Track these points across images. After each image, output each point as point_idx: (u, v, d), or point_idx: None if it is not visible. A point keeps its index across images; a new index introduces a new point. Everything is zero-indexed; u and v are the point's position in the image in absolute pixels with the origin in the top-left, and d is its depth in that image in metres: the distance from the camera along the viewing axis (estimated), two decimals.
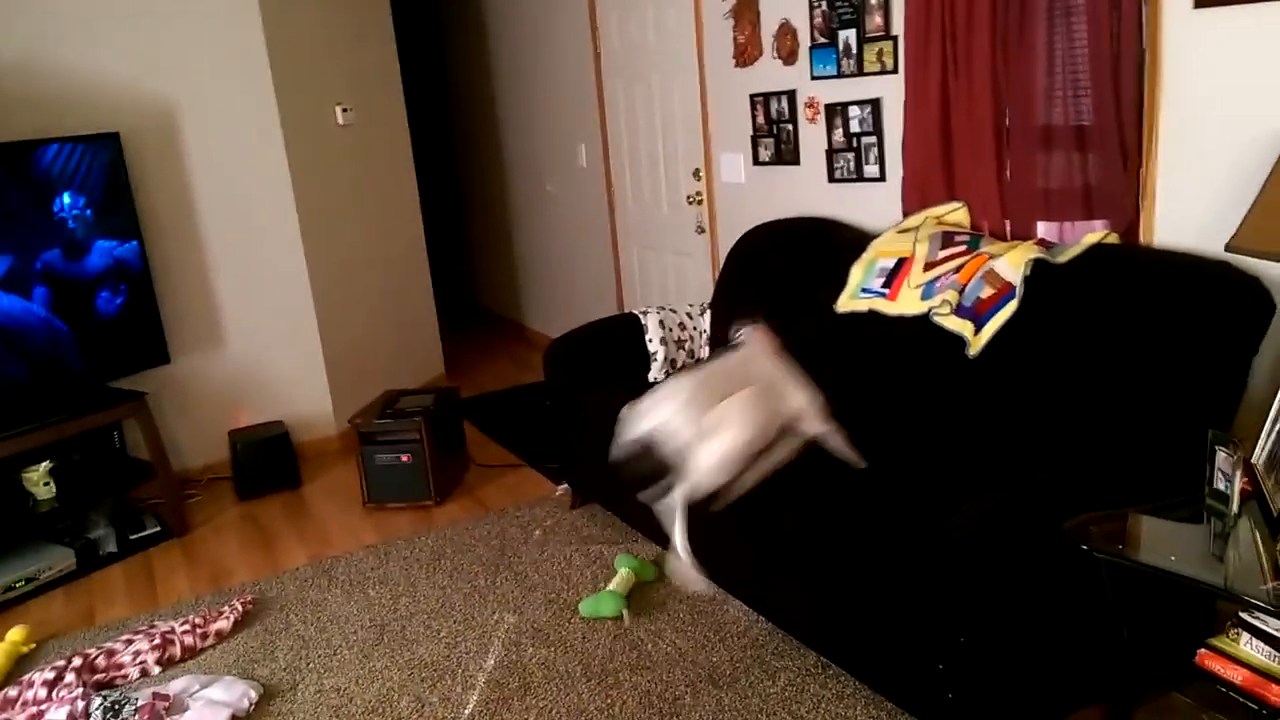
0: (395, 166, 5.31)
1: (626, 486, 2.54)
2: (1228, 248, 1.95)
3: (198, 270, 4.33)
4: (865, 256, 3.08)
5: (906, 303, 2.84)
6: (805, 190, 3.74)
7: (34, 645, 3.05)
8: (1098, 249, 2.47)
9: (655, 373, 3.60)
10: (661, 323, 3.64)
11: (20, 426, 3.48)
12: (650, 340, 3.62)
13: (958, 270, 2.73)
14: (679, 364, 3.64)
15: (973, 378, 2.58)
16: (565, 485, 3.82)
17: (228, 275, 4.40)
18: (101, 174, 3.77)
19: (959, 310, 2.66)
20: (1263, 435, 1.83)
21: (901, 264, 2.94)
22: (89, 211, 3.74)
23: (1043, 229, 2.80)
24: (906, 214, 3.19)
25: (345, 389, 4.82)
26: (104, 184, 3.78)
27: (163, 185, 4.18)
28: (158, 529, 3.86)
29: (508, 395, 5.41)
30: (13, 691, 2.71)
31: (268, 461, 4.27)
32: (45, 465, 3.63)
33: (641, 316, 3.67)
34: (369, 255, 5.08)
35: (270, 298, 4.51)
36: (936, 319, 2.72)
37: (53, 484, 3.64)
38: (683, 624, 2.82)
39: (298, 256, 4.53)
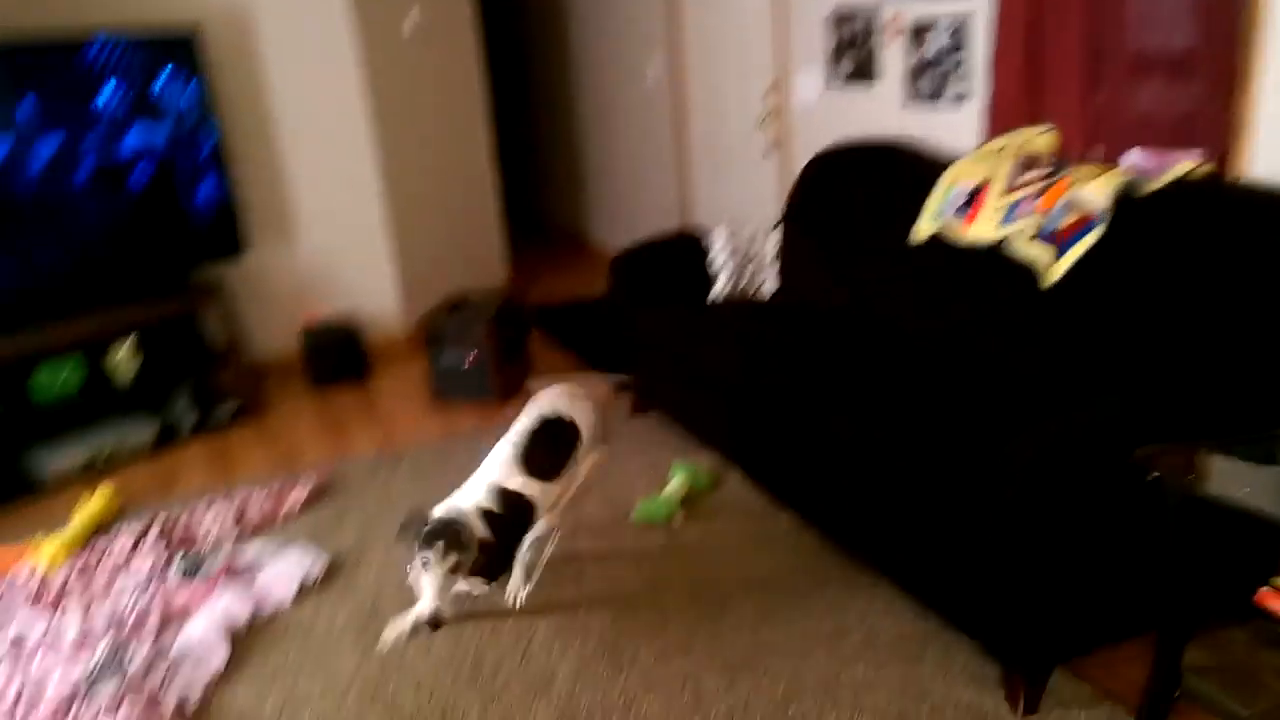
0: (465, 72, 5.29)
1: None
2: None
3: (273, 166, 4.41)
4: (944, 180, 3.02)
5: (983, 228, 2.80)
6: (882, 112, 3.67)
7: (119, 508, 3.23)
8: (1187, 181, 2.39)
9: (718, 289, 3.61)
10: (729, 239, 3.63)
11: (106, 306, 3.64)
12: (714, 259, 3.62)
13: (1039, 196, 2.67)
14: (742, 283, 3.63)
15: (1046, 309, 2.55)
16: (624, 389, 3.87)
17: (301, 173, 4.48)
18: (183, 66, 3.83)
19: (1039, 237, 2.61)
20: None
21: (981, 188, 2.88)
22: (173, 101, 3.82)
23: (1132, 157, 2.71)
24: (990, 137, 3.11)
25: (413, 290, 4.91)
26: (185, 76, 3.85)
27: (240, 81, 4.24)
28: (234, 410, 4.02)
29: (570, 306, 5.46)
30: (99, 548, 2.90)
31: (338, 354, 4.40)
32: (130, 343, 3.79)
33: (707, 234, 3.66)
34: (438, 160, 5.11)
35: (342, 197, 4.59)
36: (1013, 246, 2.67)
37: (137, 363, 3.80)
38: (734, 531, 2.88)
39: (369, 158, 4.59)
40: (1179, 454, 1.76)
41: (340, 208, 4.60)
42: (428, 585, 2.23)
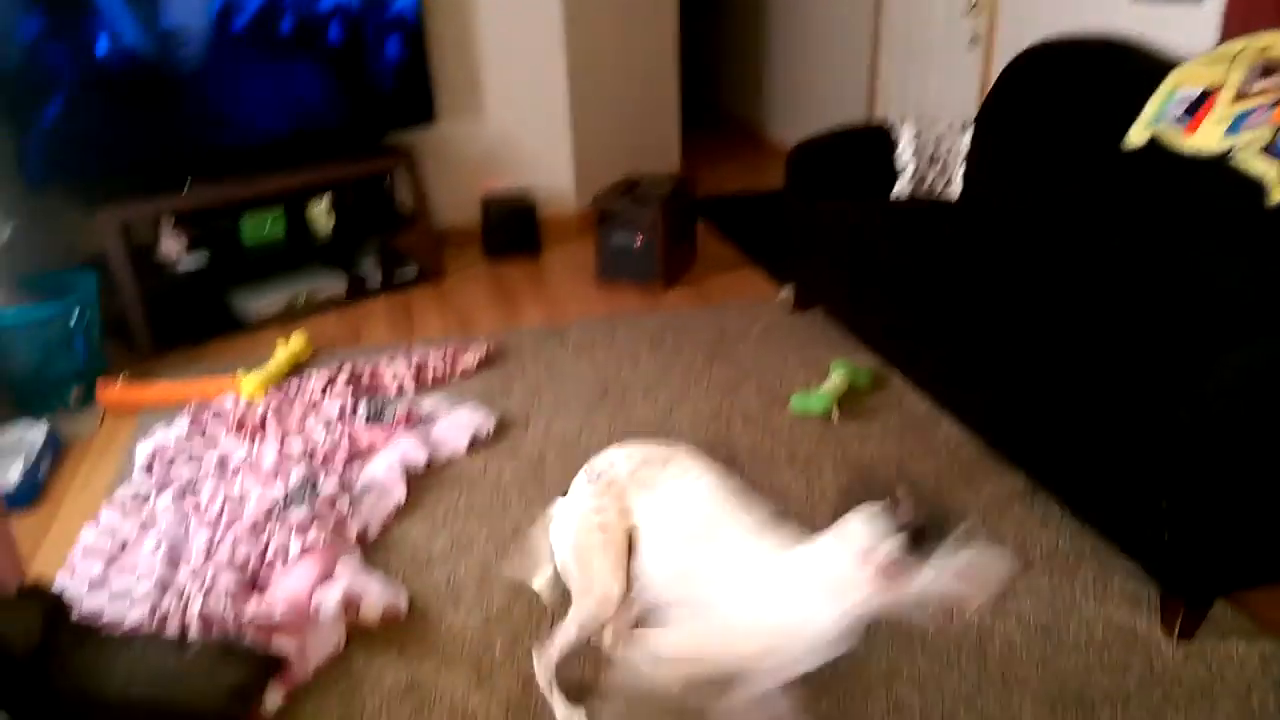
0: None
1: None
2: None
3: (466, 37, 4.50)
4: (1166, 83, 2.78)
5: (1207, 137, 2.57)
6: (1103, 5, 3.37)
7: (311, 352, 3.51)
8: None
9: (901, 188, 3.49)
10: (917, 135, 3.48)
11: (308, 164, 3.87)
12: (901, 153, 3.49)
13: (1275, 106, 2.43)
14: (928, 182, 3.49)
15: (1271, 228, 2.35)
16: (789, 288, 3.85)
17: (490, 47, 4.55)
18: None
19: (1271, 150, 2.38)
20: None
21: (1207, 94, 2.64)
22: None
23: None
24: (1226, 40, 2.83)
25: (588, 169, 4.97)
26: None
27: None
28: (416, 273, 4.25)
29: (740, 199, 5.40)
30: (294, 387, 3.16)
31: (514, 227, 4.55)
32: (326, 201, 4.04)
33: (895, 126, 3.52)
34: (622, 44, 5.07)
35: (529, 75, 4.65)
36: (1239, 158, 2.45)
37: (332, 218, 4.05)
38: (892, 433, 2.87)
39: (557, 37, 4.61)
40: None
41: (526, 85, 4.67)
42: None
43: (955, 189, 3.47)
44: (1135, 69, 2.97)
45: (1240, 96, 2.55)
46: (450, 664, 2.04)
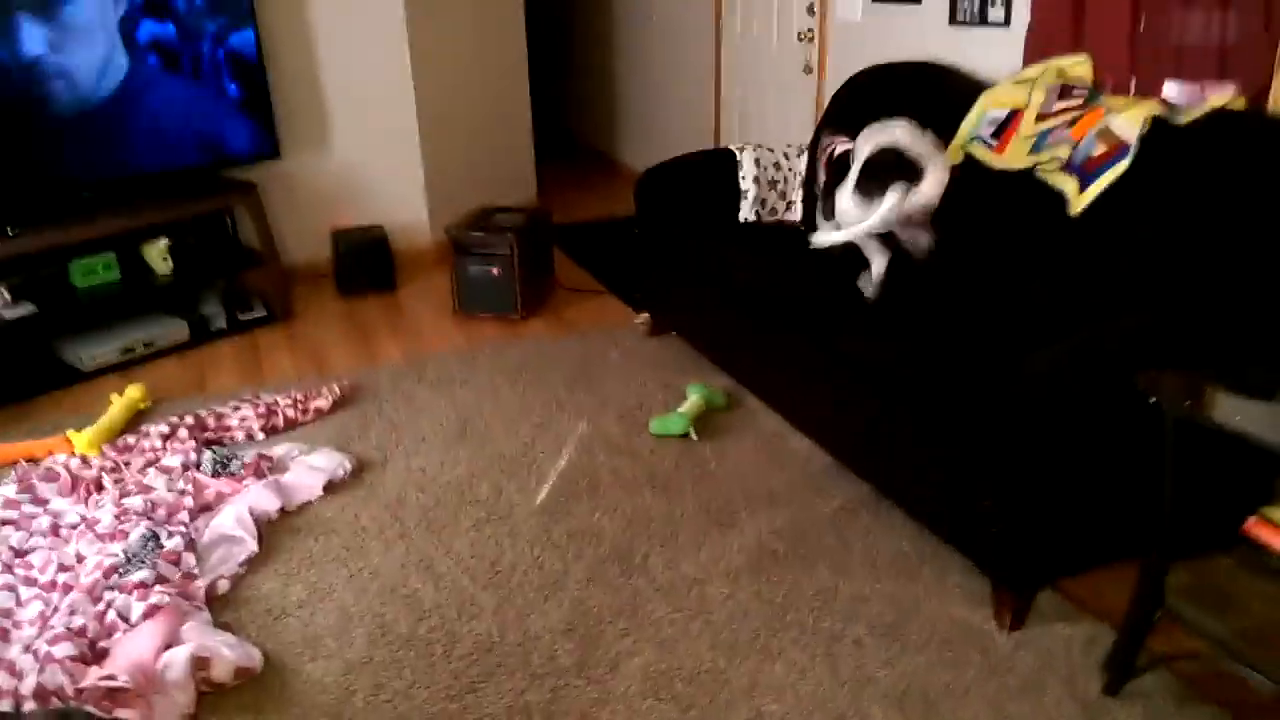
0: None
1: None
2: None
3: (308, 70, 4.41)
4: (977, 105, 2.99)
5: (1014, 155, 2.78)
6: (923, 33, 3.60)
7: (150, 403, 3.35)
8: (1222, 114, 2.36)
9: (745, 212, 3.61)
10: (757, 160, 3.62)
11: (142, 204, 3.70)
12: (743, 178, 3.61)
13: (1071, 124, 2.64)
14: (769, 205, 3.63)
15: (1072, 237, 2.54)
16: (645, 314, 3.92)
17: (336, 79, 4.48)
18: None
19: (1068, 166, 2.59)
20: None
21: (1014, 115, 2.85)
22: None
23: (1169, 89, 2.67)
24: (1028, 64, 3.06)
25: (442, 201, 4.94)
26: None
27: None
28: (264, 313, 4.11)
29: (596, 225, 5.47)
30: (131, 440, 3.01)
31: (367, 262, 4.47)
32: (164, 242, 3.87)
33: (737, 153, 3.64)
34: (471, 74, 5.08)
35: (375, 104, 4.59)
36: (1042, 174, 2.66)
37: (170, 261, 3.89)
38: (747, 449, 2.95)
39: (403, 66, 4.59)
40: (1180, 379, 1.78)
41: (374, 117, 4.61)
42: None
43: (796, 211, 3.62)
44: (951, 91, 3.17)
45: (1042, 116, 2.77)
46: (309, 718, 1.98)
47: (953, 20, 3.43)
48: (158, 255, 3.88)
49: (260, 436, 3.08)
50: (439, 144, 4.90)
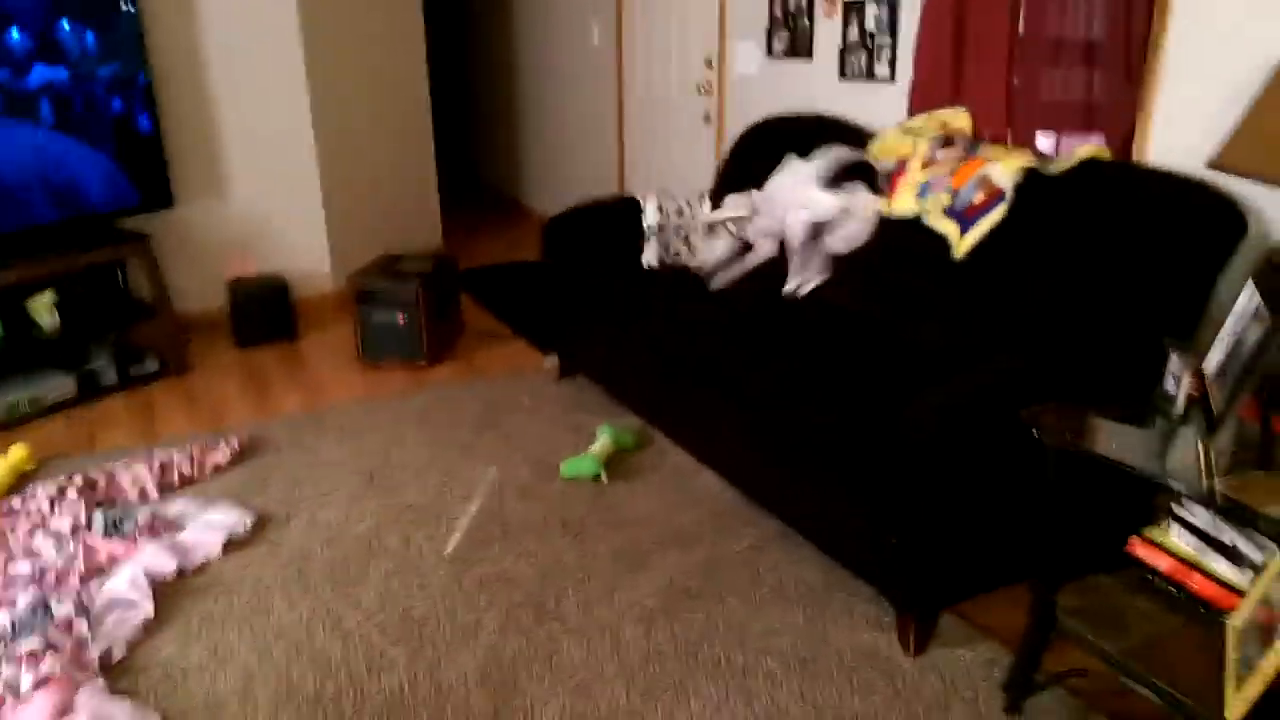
0: (405, 29, 5.24)
1: None
2: (1209, 164, 2.03)
3: (203, 117, 4.34)
4: (867, 154, 3.14)
5: (903, 202, 2.92)
6: (816, 86, 3.76)
7: (36, 464, 3.19)
8: (1090, 163, 2.54)
9: (649, 256, 3.68)
10: (660, 207, 3.70)
11: (25, 256, 3.56)
12: (648, 225, 3.68)
13: (953, 173, 2.80)
14: (672, 249, 3.71)
15: (957, 279, 2.69)
16: (554, 357, 3.94)
17: (232, 125, 4.41)
18: (110, 6, 3.74)
19: (949, 212, 2.74)
20: (1215, 345, 1.95)
21: (901, 163, 3.00)
22: (93, 42, 3.73)
23: (1042, 140, 2.86)
24: (912, 115, 3.24)
25: (344, 248, 4.88)
26: (112, 16, 3.76)
27: (170, 26, 4.15)
28: (157, 367, 3.98)
29: (504, 269, 5.48)
30: (16, 503, 2.87)
31: (266, 312, 4.37)
32: (49, 295, 3.72)
33: (641, 199, 3.72)
34: (373, 119, 5.07)
35: (274, 151, 4.54)
36: (927, 220, 2.80)
37: (56, 314, 3.74)
38: (656, 489, 2.99)
39: (303, 112, 4.54)
40: (1059, 413, 1.90)
41: (273, 162, 4.55)
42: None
43: (698, 255, 3.71)
44: (845, 140, 3.32)
45: (926, 164, 2.93)
46: None
47: (842, 75, 3.60)
48: (43, 308, 3.72)
49: (155, 495, 2.97)
50: (341, 190, 4.86)
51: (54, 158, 3.69)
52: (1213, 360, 1.95)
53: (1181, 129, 2.44)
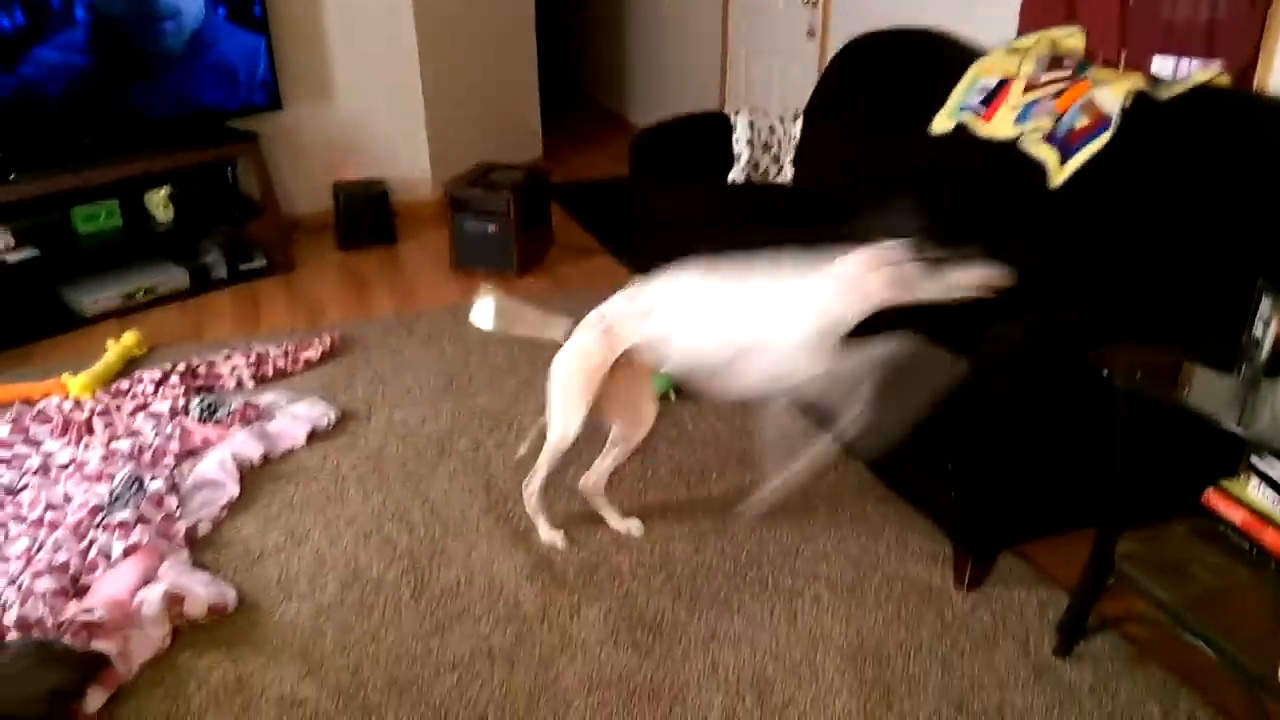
0: None
1: None
2: None
3: (312, 21, 4.42)
4: (969, 73, 2.98)
5: (1000, 125, 2.77)
6: None
7: (146, 350, 3.40)
8: (1205, 89, 2.35)
9: (736, 173, 3.61)
10: (751, 124, 3.61)
11: (143, 151, 3.74)
12: (737, 141, 3.61)
13: (1057, 96, 2.63)
14: (761, 168, 3.63)
15: (1052, 209, 2.55)
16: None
17: (339, 31, 4.48)
18: None
19: (1050, 138, 2.59)
20: None
21: (1003, 84, 2.84)
22: None
23: (1158, 64, 2.65)
24: (1023, 33, 3.04)
25: (445, 156, 4.95)
26: None
27: None
28: (264, 263, 4.16)
29: (599, 185, 5.47)
30: (124, 385, 3.08)
31: (367, 216, 4.50)
32: (165, 190, 3.92)
33: (732, 116, 3.64)
34: (476, 27, 5.06)
35: (379, 57, 4.60)
36: (1025, 145, 2.65)
37: (171, 209, 3.93)
38: (724, 412, 2.99)
39: (407, 19, 4.58)
40: (1133, 354, 1.80)
41: (376, 69, 4.62)
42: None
43: (787, 174, 3.62)
44: (948, 59, 3.16)
45: (1030, 87, 2.76)
46: (279, 657, 2.05)
47: None
48: (159, 203, 3.92)
49: (250, 385, 3.14)
50: (443, 99, 4.90)
51: (161, 54, 3.83)
52: None
53: None
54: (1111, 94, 2.48)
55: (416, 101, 4.75)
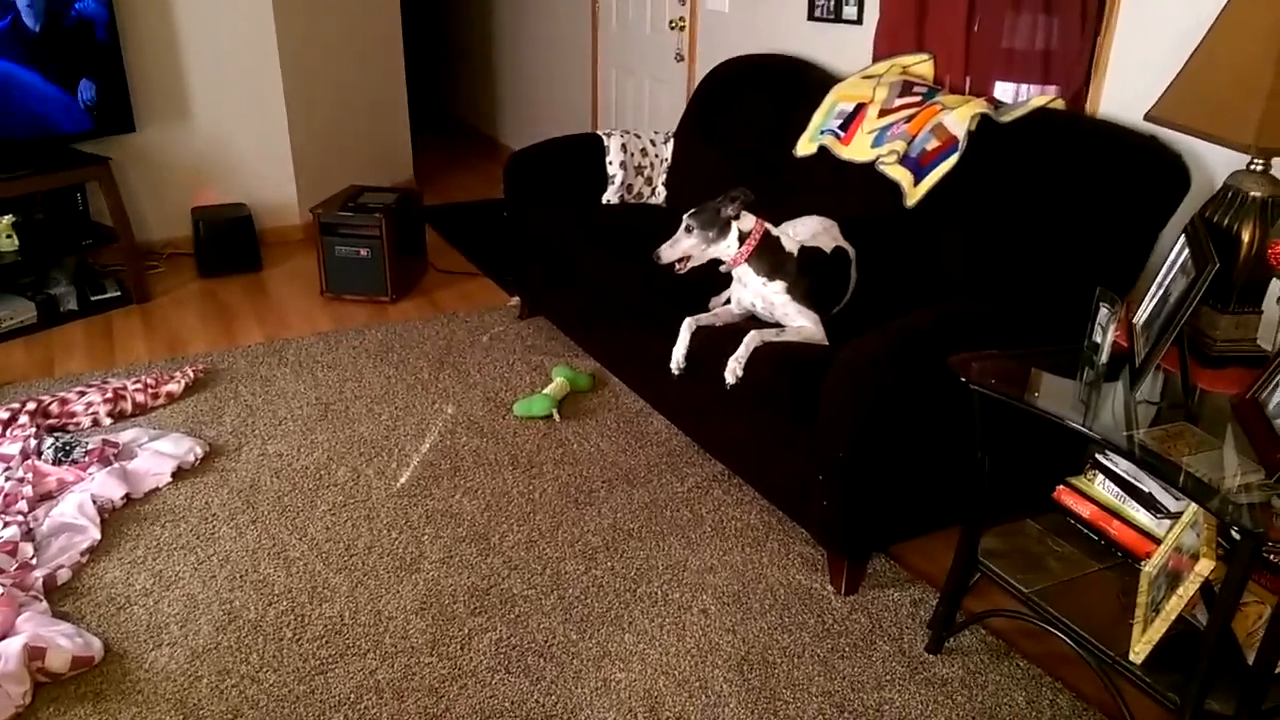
0: None
1: None
2: (1146, 117, 2.03)
3: (167, 40, 4.24)
4: (828, 99, 3.11)
5: (859, 148, 2.91)
6: (785, 26, 3.71)
7: None
8: (1042, 113, 2.54)
9: (610, 195, 3.66)
10: (624, 146, 3.67)
11: None
12: (610, 163, 3.66)
13: (909, 120, 2.79)
14: (635, 190, 3.70)
15: (908, 227, 2.69)
16: (517, 297, 3.94)
17: (197, 49, 4.33)
18: None
19: (904, 160, 2.73)
20: (1146, 298, 1.97)
21: (859, 109, 2.98)
22: None
23: (1000, 89, 2.84)
24: (876, 60, 3.20)
25: (311, 180, 4.83)
26: None
27: None
28: (118, 294, 3.96)
29: (474, 207, 5.44)
30: None
31: (230, 242, 4.34)
32: (8, 218, 3.68)
33: (604, 138, 3.69)
34: (343, 48, 4.97)
35: (240, 78, 4.45)
36: (881, 167, 2.79)
37: (15, 238, 3.70)
38: (608, 430, 3.02)
39: (269, 38, 4.45)
40: (986, 360, 1.92)
41: (238, 89, 4.47)
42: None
43: (660, 196, 3.70)
44: (807, 83, 3.30)
45: (885, 111, 2.91)
46: (152, 707, 1.95)
47: (811, 16, 3.55)
48: (2, 232, 3.68)
49: (107, 422, 2.98)
50: (309, 121, 4.78)
51: (11, 77, 3.62)
52: (1143, 313, 1.97)
53: (1133, 82, 2.43)
54: (958, 118, 2.65)
55: (280, 123, 4.62)
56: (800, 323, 2.49)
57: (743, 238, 2.50)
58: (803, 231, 2.68)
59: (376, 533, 2.49)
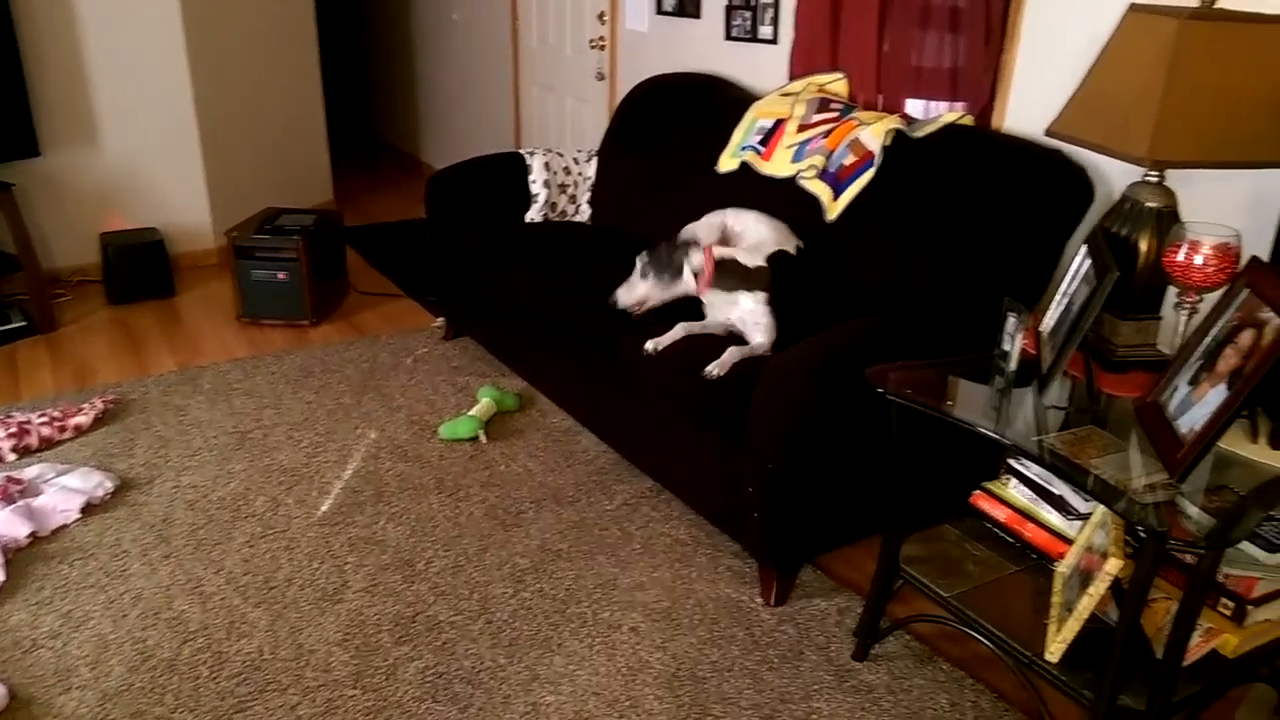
0: None
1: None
2: (1046, 132, 2.10)
3: (71, 60, 4.11)
4: (747, 116, 3.16)
5: (779, 163, 2.95)
6: (703, 45, 3.76)
7: None
8: (953, 128, 2.61)
9: (534, 214, 3.65)
10: (547, 165, 3.67)
11: None
12: (533, 181, 3.65)
13: (827, 135, 2.84)
14: (559, 208, 3.69)
15: (829, 241, 2.73)
16: (442, 317, 3.90)
17: (103, 70, 4.19)
18: None
19: (823, 175, 2.78)
20: (1052, 306, 2.03)
21: (778, 125, 3.03)
22: None
23: (911, 105, 2.91)
24: (792, 79, 3.26)
25: (226, 202, 4.71)
26: None
27: None
28: (23, 323, 3.81)
29: (396, 227, 5.37)
30: None
31: (140, 268, 4.21)
32: None
33: (527, 157, 3.68)
34: (257, 66, 4.88)
35: (149, 98, 4.33)
36: (802, 182, 2.84)
37: None
38: (536, 450, 3.00)
39: (180, 57, 4.34)
40: (902, 371, 1.96)
41: (148, 110, 4.34)
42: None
43: (584, 214, 3.70)
44: (727, 101, 3.34)
45: (803, 127, 2.96)
46: None
47: (729, 35, 3.60)
48: None
49: (11, 458, 2.85)
50: (222, 142, 4.67)
51: None
52: (1049, 322, 2.04)
53: (1036, 98, 2.52)
54: (874, 133, 2.71)
55: (192, 145, 4.51)
56: (759, 339, 2.51)
57: (697, 275, 2.55)
58: (752, 236, 2.70)
59: (297, 564, 2.43)
